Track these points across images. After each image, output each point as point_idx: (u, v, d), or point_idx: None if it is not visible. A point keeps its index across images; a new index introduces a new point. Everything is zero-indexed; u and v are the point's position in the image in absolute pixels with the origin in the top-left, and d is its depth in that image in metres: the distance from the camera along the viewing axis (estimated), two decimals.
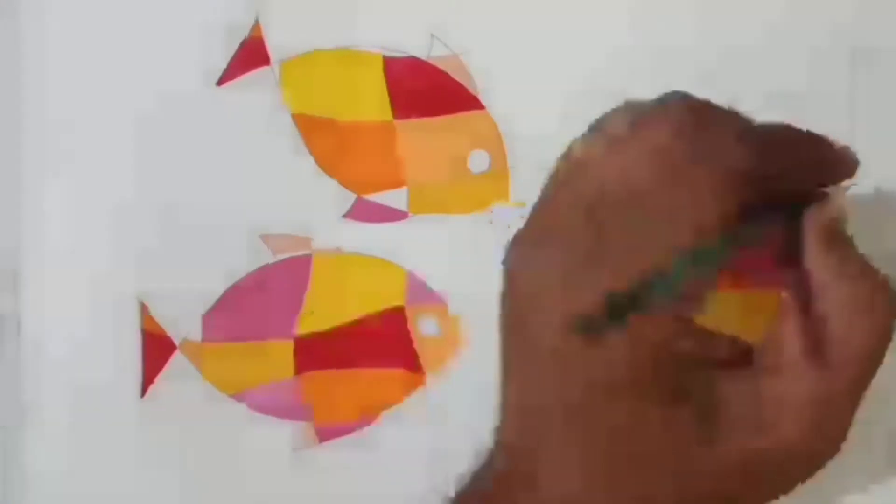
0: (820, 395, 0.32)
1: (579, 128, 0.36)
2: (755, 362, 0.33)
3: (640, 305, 0.28)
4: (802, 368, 0.32)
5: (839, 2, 0.41)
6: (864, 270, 0.33)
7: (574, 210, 0.32)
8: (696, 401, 0.32)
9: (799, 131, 0.34)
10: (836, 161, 0.35)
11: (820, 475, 0.34)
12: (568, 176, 0.34)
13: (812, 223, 0.34)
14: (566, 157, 0.35)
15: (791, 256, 0.34)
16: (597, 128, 0.35)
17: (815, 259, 0.33)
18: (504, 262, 0.34)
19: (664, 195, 0.32)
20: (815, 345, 0.32)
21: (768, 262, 0.35)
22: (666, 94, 0.34)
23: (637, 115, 0.34)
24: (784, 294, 0.34)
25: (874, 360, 0.33)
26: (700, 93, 0.35)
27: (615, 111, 0.35)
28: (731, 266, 0.33)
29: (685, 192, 0.32)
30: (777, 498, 0.34)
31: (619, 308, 0.27)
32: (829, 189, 0.35)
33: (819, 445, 0.33)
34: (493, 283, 0.35)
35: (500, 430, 0.34)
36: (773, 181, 0.33)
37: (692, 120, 0.33)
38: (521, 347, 0.32)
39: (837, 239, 0.34)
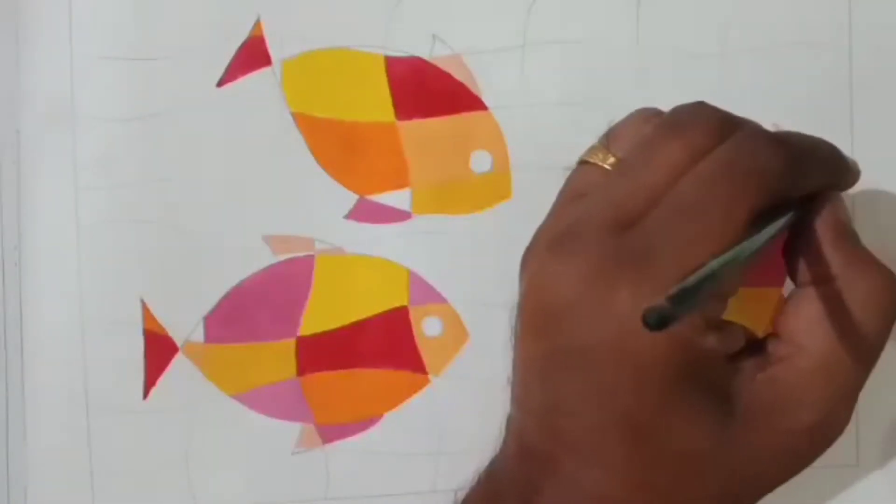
0: (835, 379, 0.33)
1: (580, 128, 0.36)
2: (769, 352, 0.34)
3: (702, 298, 0.28)
4: (820, 356, 0.33)
5: (838, 1, 0.41)
6: (875, 263, 0.34)
7: (599, 216, 0.33)
8: (719, 393, 0.33)
9: (816, 138, 0.35)
10: (846, 168, 0.36)
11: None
12: (587, 182, 0.34)
13: (825, 221, 0.34)
14: (584, 165, 0.35)
15: (795, 252, 0.35)
16: (615, 134, 0.35)
17: (831, 253, 0.34)
18: (524, 273, 0.34)
19: (701, 193, 0.32)
20: (831, 333, 0.33)
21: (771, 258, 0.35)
22: (684, 103, 0.35)
23: (664, 120, 0.34)
24: (797, 286, 0.35)
25: (883, 343, 0.34)
26: (702, 95, 0.35)
27: (631, 117, 0.36)
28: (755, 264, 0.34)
29: (721, 190, 0.32)
30: (784, 482, 0.34)
31: (688, 299, 0.27)
32: (832, 192, 0.35)
33: (833, 427, 0.34)
34: (495, 283, 0.35)
35: (518, 434, 0.34)
36: (795, 183, 0.34)
37: (725, 121, 0.34)
38: (551, 351, 0.32)
39: (850, 235, 0.35)
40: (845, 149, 0.40)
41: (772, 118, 0.39)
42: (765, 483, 0.34)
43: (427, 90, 0.41)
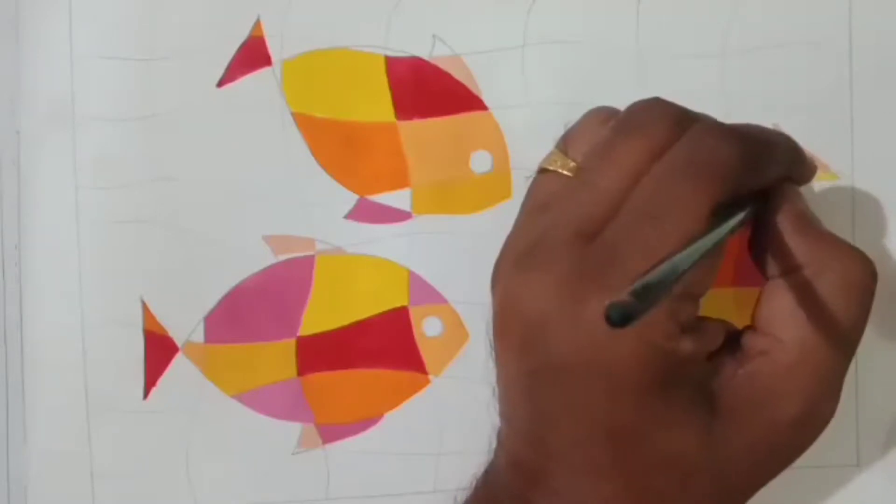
0: (816, 369, 0.33)
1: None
2: (748, 346, 0.34)
3: (664, 292, 0.28)
4: (799, 347, 0.33)
5: (838, 1, 0.41)
6: (845, 245, 0.34)
7: (563, 229, 0.32)
8: (700, 393, 0.33)
9: (772, 130, 0.35)
10: (802, 161, 0.36)
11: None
12: (549, 192, 0.34)
13: (786, 211, 0.34)
14: (545, 173, 0.35)
15: (760, 246, 0.35)
16: (572, 137, 0.35)
17: (797, 241, 0.34)
18: (495, 290, 0.34)
19: (661, 193, 0.32)
20: (807, 322, 0.33)
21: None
22: (639, 101, 0.34)
23: (620, 120, 0.34)
24: (770, 278, 0.34)
25: (862, 327, 0.34)
26: (702, 95, 0.35)
27: (586, 118, 0.36)
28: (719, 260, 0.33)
29: (681, 188, 0.32)
30: (776, 475, 0.34)
31: (651, 295, 0.27)
32: (789, 185, 0.35)
33: (818, 417, 0.34)
34: None
35: (507, 447, 0.34)
36: (753, 175, 0.33)
37: (681, 117, 0.33)
38: (530, 368, 0.32)
39: (814, 222, 0.34)
40: (845, 149, 0.40)
41: (772, 118, 0.39)
42: (756, 478, 0.34)
43: (427, 90, 0.41)
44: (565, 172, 0.34)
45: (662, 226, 0.31)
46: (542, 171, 0.35)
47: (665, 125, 0.33)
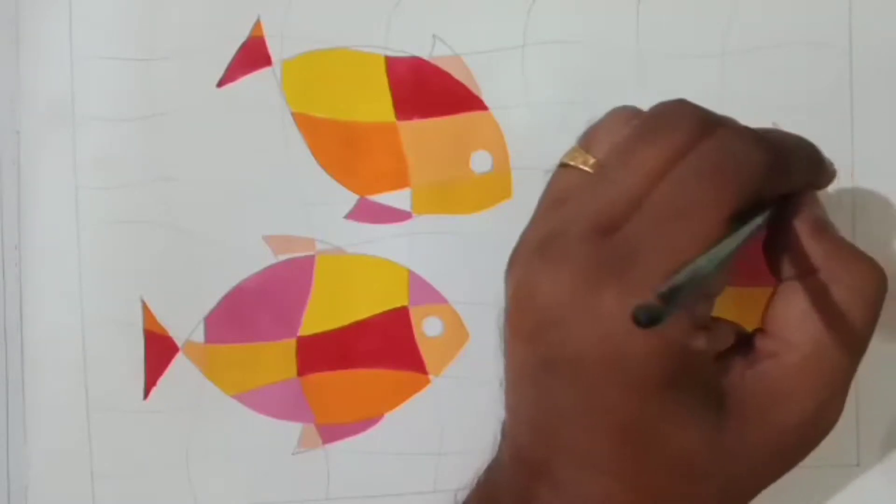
0: (824, 373, 0.33)
1: (580, 128, 0.36)
2: (757, 348, 0.34)
3: (690, 295, 0.28)
4: (808, 350, 0.33)
5: (838, 1, 0.41)
6: (857, 253, 0.34)
7: (582, 222, 0.32)
8: (709, 392, 0.33)
9: (796, 136, 0.35)
10: (823, 167, 0.36)
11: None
12: (568, 186, 0.34)
13: (803, 216, 0.34)
14: (565, 168, 0.35)
15: (775, 249, 0.35)
16: (594, 135, 0.35)
17: (812, 246, 0.34)
18: (510, 279, 0.34)
19: (684, 193, 0.32)
20: (818, 326, 0.33)
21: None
22: (664, 101, 0.34)
23: (643, 120, 0.34)
24: (781, 282, 0.35)
25: (870, 334, 0.34)
26: (702, 95, 0.35)
27: (609, 117, 0.35)
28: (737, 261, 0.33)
29: (705, 190, 0.32)
30: (780, 477, 0.34)
31: (677, 297, 0.27)
32: (808, 189, 0.35)
33: (824, 420, 0.34)
34: (496, 283, 0.35)
35: (512, 440, 0.34)
36: (777, 182, 0.33)
37: (705, 120, 0.33)
38: (541, 360, 0.32)
39: (830, 228, 0.35)
40: (845, 149, 0.40)
41: (772, 118, 0.39)
42: (761, 479, 0.34)
43: (427, 90, 0.41)
44: (585, 168, 0.34)
45: (684, 225, 0.31)
46: (563, 165, 0.35)
47: (689, 127, 0.33)
